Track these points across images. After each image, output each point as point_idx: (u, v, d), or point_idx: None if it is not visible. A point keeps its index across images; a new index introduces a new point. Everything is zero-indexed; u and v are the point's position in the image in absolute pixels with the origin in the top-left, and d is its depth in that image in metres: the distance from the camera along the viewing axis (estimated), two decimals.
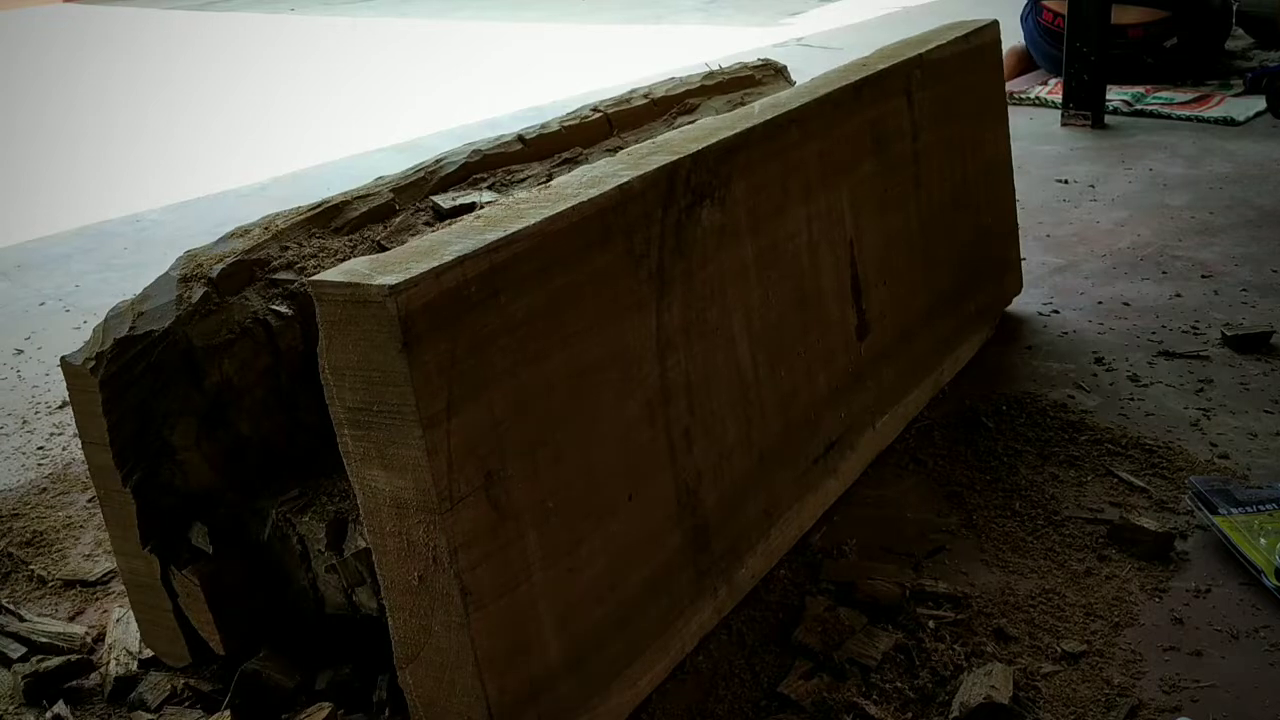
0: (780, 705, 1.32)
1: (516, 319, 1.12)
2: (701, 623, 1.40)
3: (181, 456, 1.33)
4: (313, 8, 8.31)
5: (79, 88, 5.81)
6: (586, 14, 7.19)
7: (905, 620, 1.43)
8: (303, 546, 1.31)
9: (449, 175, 1.66)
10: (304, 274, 1.41)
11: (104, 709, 1.40)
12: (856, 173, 1.72)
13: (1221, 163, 3.30)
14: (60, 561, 1.70)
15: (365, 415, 1.06)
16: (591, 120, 1.88)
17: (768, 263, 1.51)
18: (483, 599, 1.09)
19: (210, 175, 3.92)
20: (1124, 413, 1.92)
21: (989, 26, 2.14)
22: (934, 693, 1.32)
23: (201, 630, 1.36)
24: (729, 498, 1.44)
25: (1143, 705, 1.29)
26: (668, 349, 1.33)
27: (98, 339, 1.29)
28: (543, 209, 1.19)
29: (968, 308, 2.08)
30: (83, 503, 1.85)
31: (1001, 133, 2.23)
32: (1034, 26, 4.35)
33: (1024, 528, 1.63)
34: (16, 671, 1.43)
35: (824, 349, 1.64)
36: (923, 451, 1.83)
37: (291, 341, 1.38)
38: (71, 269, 3.06)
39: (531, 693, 1.16)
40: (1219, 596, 1.47)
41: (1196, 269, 2.53)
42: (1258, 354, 2.11)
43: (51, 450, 2.05)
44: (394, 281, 1.01)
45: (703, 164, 1.38)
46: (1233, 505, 1.60)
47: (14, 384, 2.35)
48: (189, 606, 1.35)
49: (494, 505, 1.10)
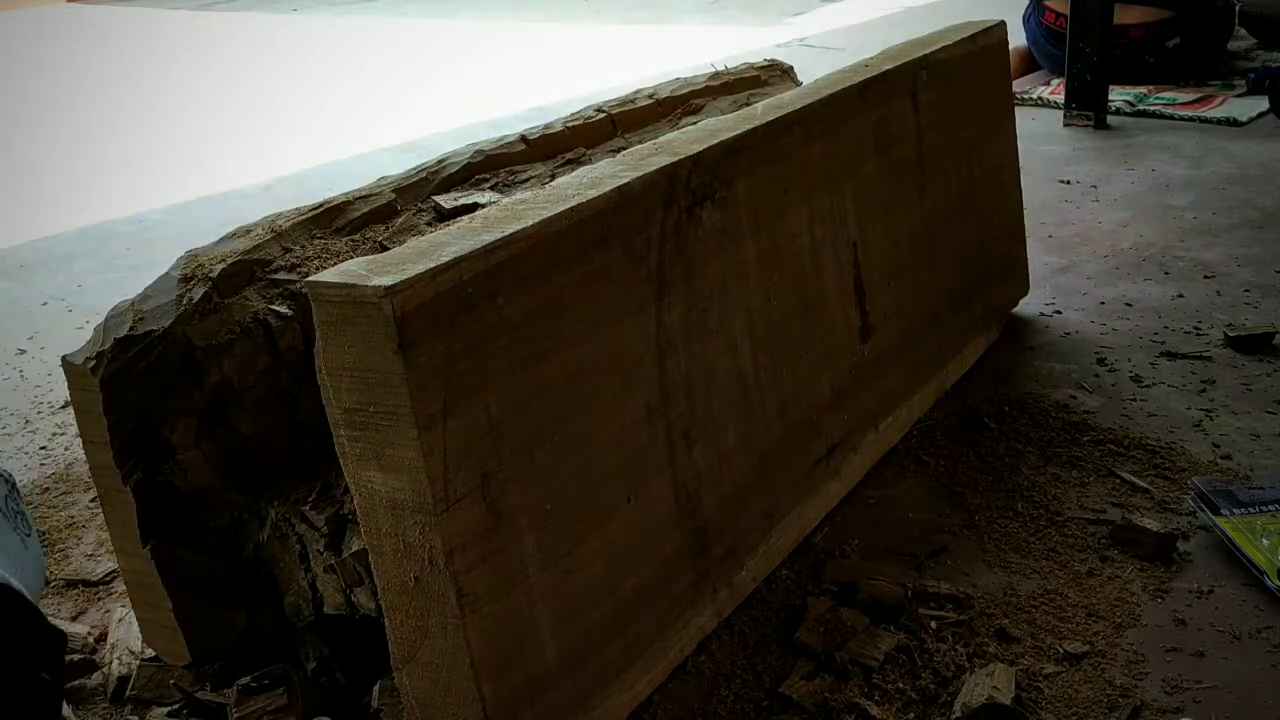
0: (782, 706, 1.32)
1: (514, 320, 1.12)
2: (701, 625, 1.40)
3: (181, 456, 1.33)
4: (315, 7, 8.31)
5: (81, 87, 5.82)
6: (588, 14, 7.19)
7: (907, 621, 1.43)
8: (302, 547, 1.31)
9: (451, 175, 1.66)
10: (305, 274, 1.41)
11: (106, 709, 1.40)
12: (860, 174, 1.72)
13: (1224, 163, 3.30)
14: (63, 561, 1.70)
15: (361, 416, 1.06)
16: (595, 121, 1.88)
17: (770, 264, 1.51)
18: (479, 600, 1.09)
19: (213, 175, 3.92)
20: (1126, 413, 1.92)
21: (996, 27, 2.14)
22: (936, 693, 1.32)
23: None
24: (729, 500, 1.44)
25: (1145, 706, 1.29)
26: (667, 350, 1.33)
27: (98, 338, 1.29)
28: (541, 210, 1.18)
29: (974, 309, 2.08)
30: (85, 502, 1.86)
31: (1008, 134, 2.23)
32: (1036, 27, 4.34)
33: (1026, 528, 1.62)
34: None
35: (827, 351, 1.64)
36: (925, 452, 1.83)
37: (291, 341, 1.38)
38: (74, 269, 3.06)
39: (528, 694, 1.15)
40: (1221, 597, 1.47)
41: (1199, 269, 2.53)
42: (1260, 355, 2.10)
43: (54, 450, 2.06)
44: (390, 282, 1.01)
45: (703, 165, 1.38)
46: (1235, 506, 1.60)
47: (16, 384, 2.35)
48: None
49: (491, 507, 1.10)
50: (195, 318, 1.32)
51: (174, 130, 4.74)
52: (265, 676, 1.34)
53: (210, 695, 1.37)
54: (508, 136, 1.77)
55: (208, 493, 1.35)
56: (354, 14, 7.90)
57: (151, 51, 6.95)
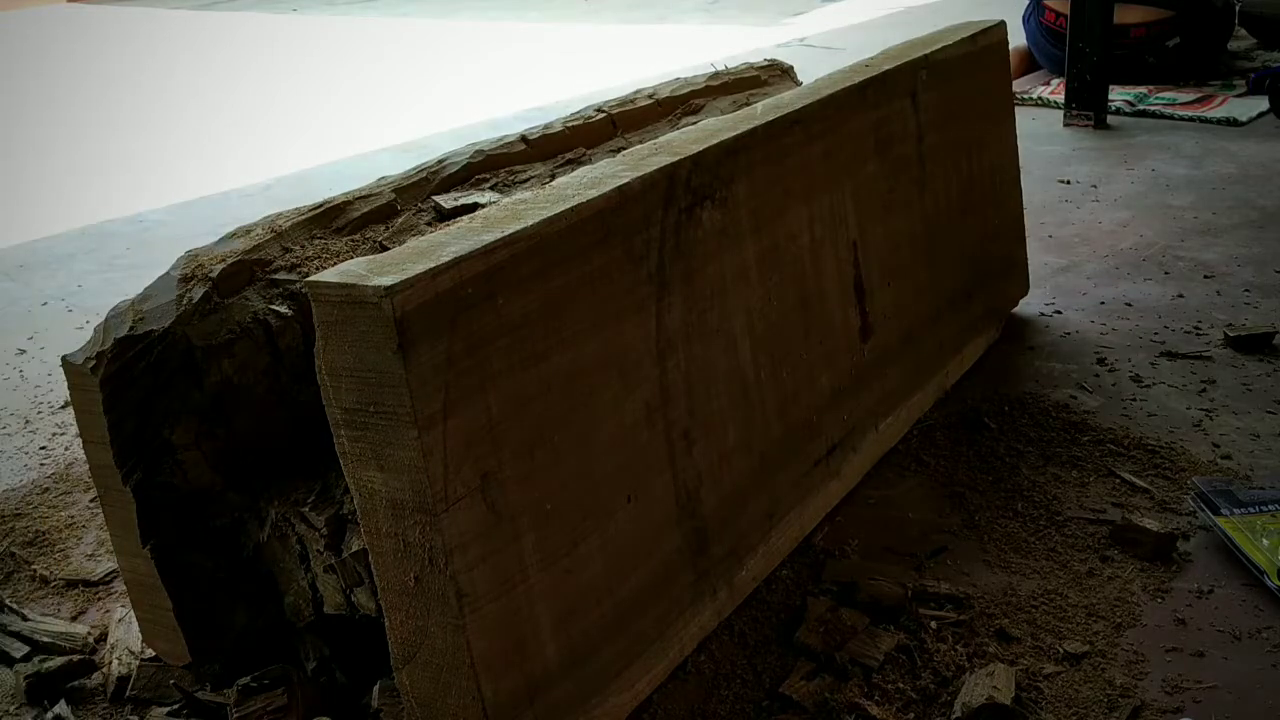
0: (782, 706, 1.32)
1: (514, 320, 1.12)
2: (701, 625, 1.40)
3: (181, 456, 1.32)
4: (315, 7, 8.31)
5: (81, 87, 5.82)
6: (588, 13, 7.19)
7: (907, 621, 1.43)
8: (302, 547, 1.31)
9: (451, 175, 1.66)
10: (305, 274, 1.41)
11: (106, 709, 1.40)
12: (860, 174, 1.72)
13: (1224, 163, 3.30)
14: (63, 561, 1.70)
15: (361, 416, 1.06)
16: (595, 121, 1.88)
17: (770, 264, 1.51)
18: (479, 600, 1.09)
19: (213, 175, 3.92)
20: (1126, 413, 1.92)
21: (996, 27, 2.14)
22: (936, 693, 1.32)
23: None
24: (729, 500, 1.44)
25: (1145, 706, 1.29)
26: (667, 350, 1.33)
27: (98, 338, 1.29)
28: (541, 210, 1.18)
29: (974, 309, 2.08)
30: (85, 502, 1.86)
31: (1008, 134, 2.23)
32: (1036, 27, 4.34)
33: (1026, 528, 1.62)
34: (19, 671, 1.44)
35: (826, 351, 1.63)
36: (925, 452, 1.83)
37: (291, 341, 1.38)
38: (74, 269, 3.06)
39: (528, 694, 1.15)
40: (1221, 597, 1.47)
41: (1199, 269, 2.53)
42: (1260, 355, 2.10)
43: (54, 450, 2.06)
44: (390, 283, 1.01)
45: (703, 165, 1.38)
46: (1235, 506, 1.60)
47: (17, 384, 2.35)
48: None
49: (491, 507, 1.10)
50: (195, 318, 1.32)
51: (174, 130, 4.74)
52: (265, 676, 1.34)
53: (210, 695, 1.37)
54: (508, 136, 1.77)
55: (208, 493, 1.34)
56: (354, 14, 7.90)
57: (151, 51, 6.95)
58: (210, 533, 1.35)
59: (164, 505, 1.33)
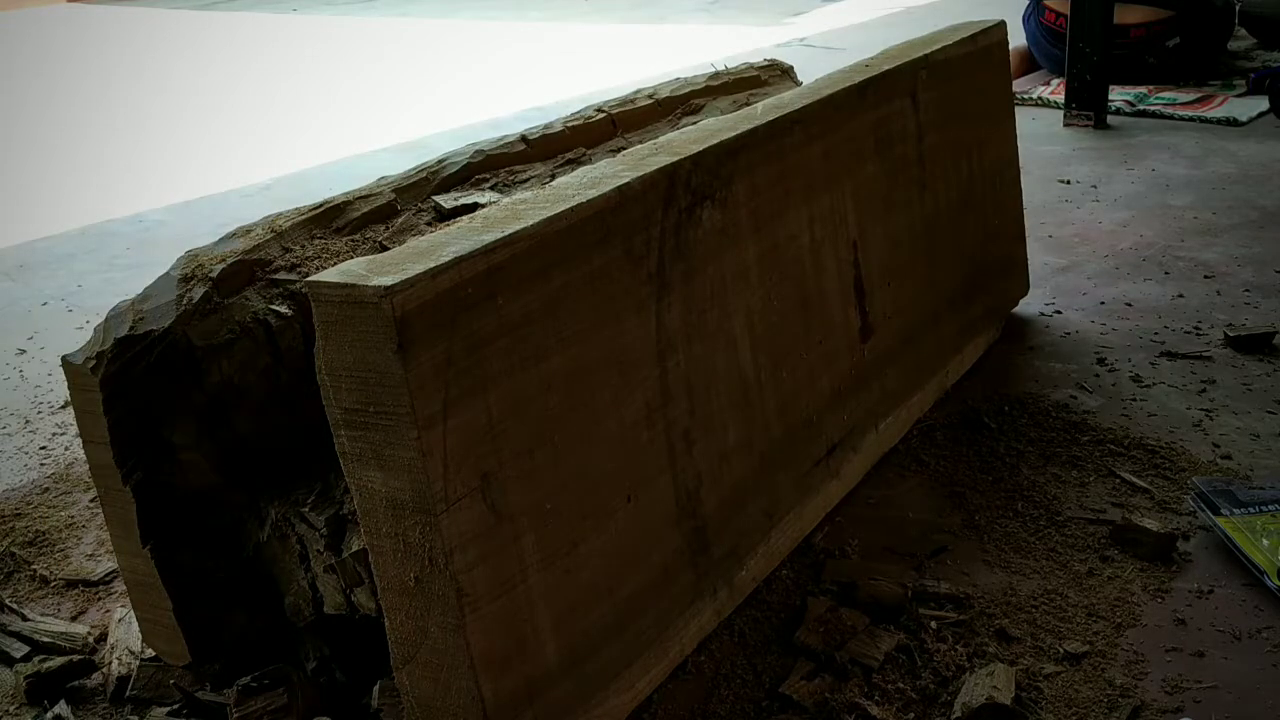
0: (782, 706, 1.32)
1: (514, 320, 1.12)
2: (701, 625, 1.40)
3: (182, 456, 1.32)
4: (315, 7, 8.31)
5: (81, 87, 5.82)
6: (588, 14, 7.19)
7: (907, 621, 1.43)
8: (302, 547, 1.31)
9: (451, 175, 1.66)
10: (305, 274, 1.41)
11: (106, 709, 1.40)
12: (860, 174, 1.72)
13: (1224, 163, 3.30)
14: (63, 561, 1.70)
15: (361, 416, 1.06)
16: (595, 121, 1.88)
17: (770, 264, 1.51)
18: (479, 600, 1.09)
19: (213, 175, 3.92)
20: (1126, 413, 1.92)
21: (996, 27, 2.14)
22: (936, 693, 1.32)
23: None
24: (729, 500, 1.44)
25: (1145, 706, 1.29)
26: (667, 350, 1.33)
27: (98, 338, 1.29)
28: (541, 210, 1.18)
29: (974, 309, 2.08)
30: (85, 502, 1.86)
31: (1008, 134, 2.23)
32: (1036, 27, 4.34)
33: (1026, 528, 1.62)
34: (19, 671, 1.44)
35: (827, 351, 1.63)
36: (925, 452, 1.83)
37: (291, 341, 1.38)
38: (74, 269, 3.06)
39: (528, 694, 1.15)
40: (1221, 597, 1.47)
41: (1199, 269, 2.53)
42: (1260, 355, 2.10)
43: (54, 450, 2.06)
44: (390, 283, 1.01)
45: (703, 165, 1.38)
46: (1235, 506, 1.60)
47: (17, 384, 2.35)
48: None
49: (491, 507, 1.10)
50: (195, 318, 1.32)
51: (174, 130, 4.74)
52: (265, 676, 1.34)
53: (210, 695, 1.37)
54: (508, 136, 1.77)
55: (208, 493, 1.34)
56: (354, 14, 7.90)
57: (151, 51, 6.95)
58: (210, 533, 1.35)
59: (164, 505, 1.33)
